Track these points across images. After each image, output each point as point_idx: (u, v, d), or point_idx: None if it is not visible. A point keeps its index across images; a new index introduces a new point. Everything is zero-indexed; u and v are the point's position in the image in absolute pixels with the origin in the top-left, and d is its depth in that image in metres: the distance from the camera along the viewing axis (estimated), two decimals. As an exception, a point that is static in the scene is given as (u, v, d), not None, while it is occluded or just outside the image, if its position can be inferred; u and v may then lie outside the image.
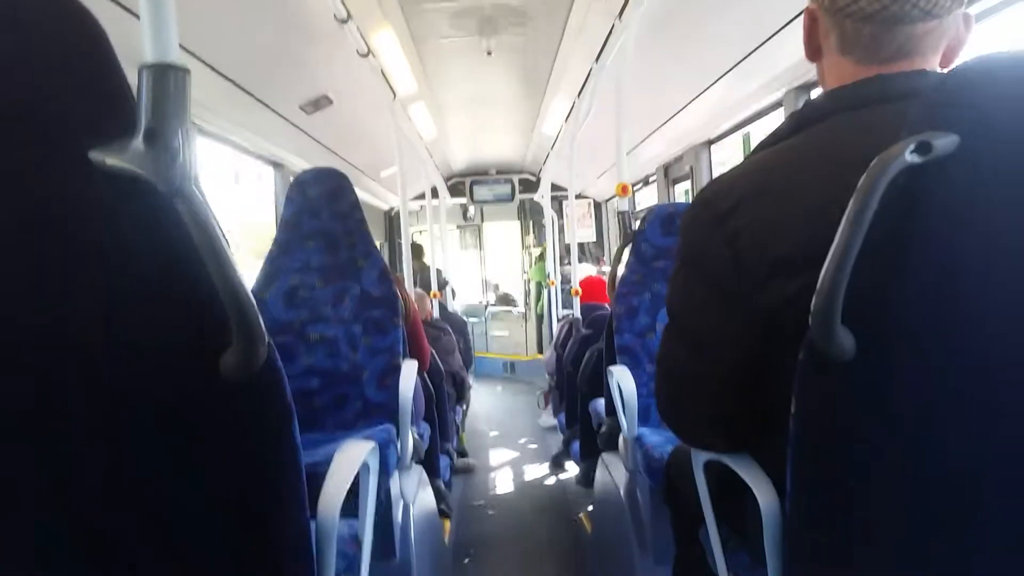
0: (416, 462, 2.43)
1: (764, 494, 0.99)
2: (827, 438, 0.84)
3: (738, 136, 3.66)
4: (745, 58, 2.76)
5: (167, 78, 0.70)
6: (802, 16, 1.02)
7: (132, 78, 0.72)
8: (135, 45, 0.75)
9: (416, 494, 2.26)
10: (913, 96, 0.83)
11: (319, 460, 1.71)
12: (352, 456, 1.23)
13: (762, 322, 0.91)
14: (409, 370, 2.26)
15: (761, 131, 3.44)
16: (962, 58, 0.94)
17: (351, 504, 1.19)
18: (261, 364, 0.77)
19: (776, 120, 3.11)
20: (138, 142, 0.68)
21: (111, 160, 0.68)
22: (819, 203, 0.85)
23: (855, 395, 0.81)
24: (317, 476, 1.08)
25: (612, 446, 2.47)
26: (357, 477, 1.24)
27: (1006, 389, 0.78)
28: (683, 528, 1.42)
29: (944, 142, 0.71)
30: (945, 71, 0.79)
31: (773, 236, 0.88)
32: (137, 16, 0.76)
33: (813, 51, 1.02)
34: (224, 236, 0.72)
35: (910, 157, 0.71)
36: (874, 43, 0.92)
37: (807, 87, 2.72)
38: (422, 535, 2.24)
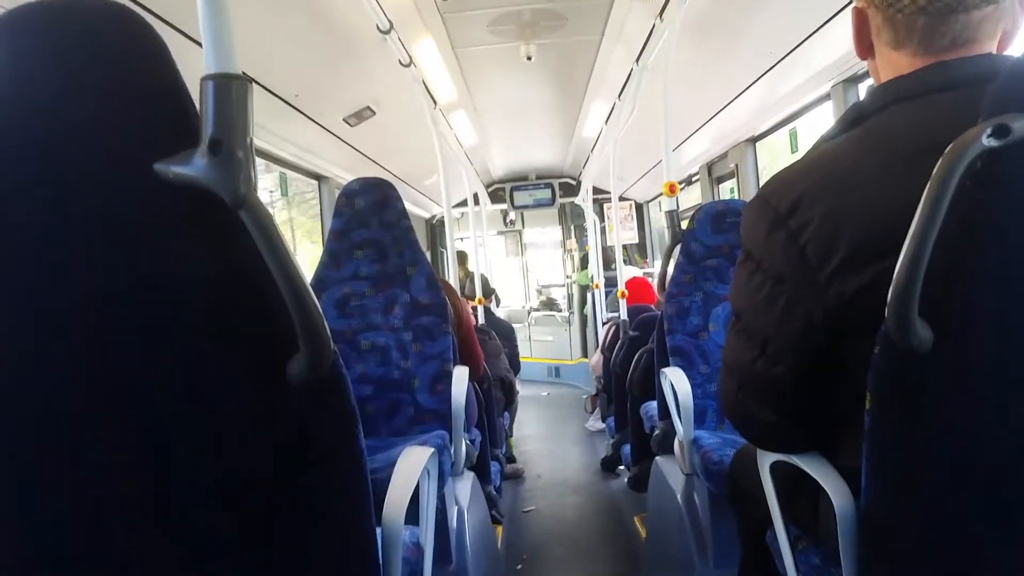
0: (468, 468, 2.43)
1: (838, 494, 0.96)
2: (905, 433, 0.83)
3: (784, 132, 3.59)
4: (790, 52, 2.72)
5: (229, 89, 0.71)
6: (849, 9, 1.00)
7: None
8: (188, 65, 0.75)
9: (470, 500, 2.26)
10: (976, 82, 0.82)
11: (377, 467, 1.72)
12: (414, 462, 1.23)
13: (830, 318, 0.90)
14: (461, 376, 2.26)
15: (808, 126, 3.38)
16: (1019, 42, 0.92)
17: (410, 510, 1.19)
18: (327, 370, 0.77)
19: (823, 115, 3.06)
20: (202, 153, 0.69)
21: (176, 171, 0.69)
22: (884, 193, 0.84)
23: (933, 387, 0.79)
24: (377, 482, 1.08)
25: (666, 449, 2.44)
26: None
27: None
28: (749, 531, 1.39)
29: (1022, 125, 0.69)
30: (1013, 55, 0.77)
31: (838, 229, 0.87)
32: (190, 38, 0.77)
33: (864, 49, 1.01)
34: (287, 244, 0.73)
35: (987, 141, 0.69)
36: (929, 34, 0.90)
37: (855, 79, 2.66)
38: (476, 541, 2.23)
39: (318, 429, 0.82)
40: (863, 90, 2.66)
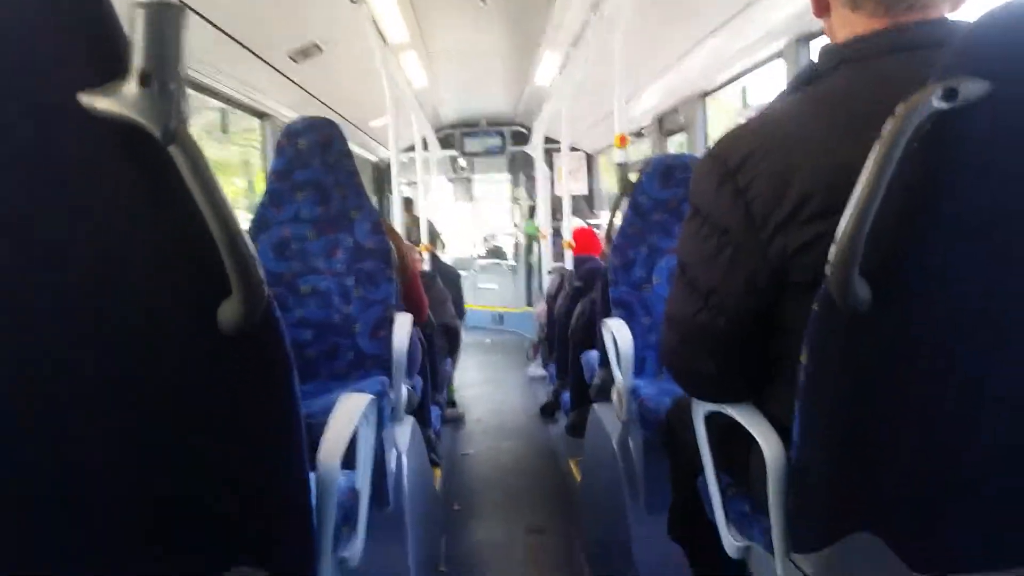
0: (408, 413, 2.43)
1: (770, 445, 0.99)
2: (839, 390, 0.85)
3: (735, 88, 3.60)
4: (744, 8, 2.71)
5: (162, 17, 0.66)
6: None
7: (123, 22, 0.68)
8: None
9: (409, 445, 2.27)
10: (931, 46, 0.83)
11: (315, 411, 1.70)
12: (351, 408, 1.22)
13: (772, 273, 0.92)
14: (403, 322, 2.25)
15: (759, 83, 3.39)
16: (968, 4, 0.93)
17: (347, 455, 1.18)
18: (260, 315, 0.75)
19: (775, 72, 3.07)
20: (131, 85, 0.65)
21: (102, 104, 0.65)
22: (830, 153, 0.85)
23: (870, 347, 0.81)
24: (314, 427, 1.07)
25: (604, 397, 2.48)
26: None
27: (1005, 363, 0.79)
28: (681, 478, 1.43)
29: (972, 88, 0.70)
30: (967, 19, 0.78)
31: (783, 186, 0.88)
32: None
33: (821, 8, 1.01)
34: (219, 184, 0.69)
35: (937, 103, 0.70)
36: None
37: (808, 37, 2.67)
38: (414, 484, 2.25)
39: (251, 375, 0.80)
40: (815, 48, 2.67)
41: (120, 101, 0.65)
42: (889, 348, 0.80)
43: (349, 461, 1.32)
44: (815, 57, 1.00)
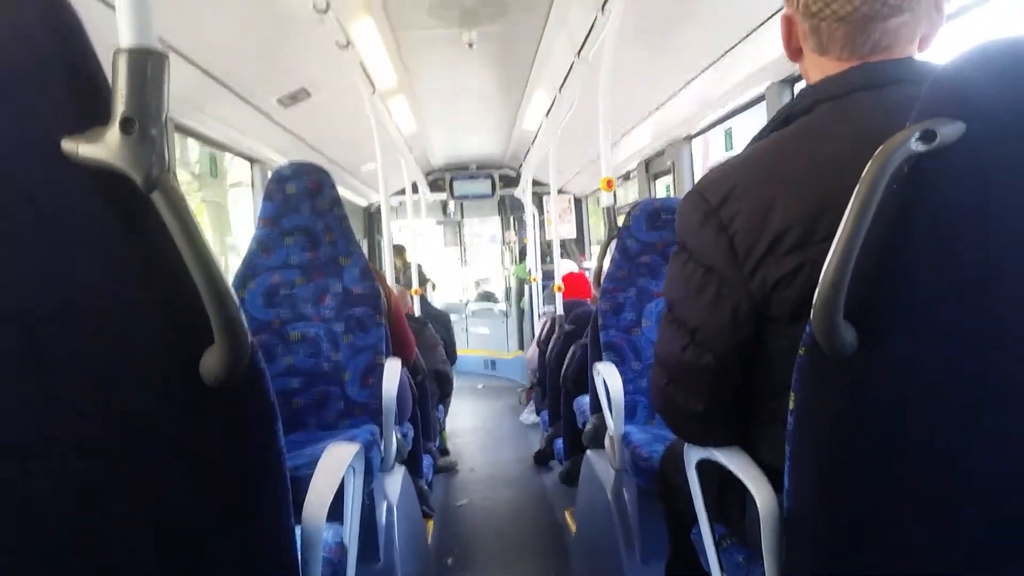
0: (399, 462, 2.39)
1: (760, 491, 0.98)
2: (828, 433, 0.84)
3: (720, 131, 3.64)
4: (727, 52, 2.75)
5: (144, 63, 0.66)
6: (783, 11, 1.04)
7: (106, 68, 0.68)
8: (106, 33, 0.70)
9: (399, 496, 2.22)
10: (898, 82, 0.89)
11: (302, 463, 1.67)
12: (337, 460, 1.20)
13: (754, 308, 0.93)
14: (393, 369, 2.22)
15: (743, 126, 3.43)
16: (937, 43, 0.97)
17: (335, 507, 1.15)
18: (245, 365, 0.73)
19: (758, 115, 3.11)
20: (114, 132, 0.64)
21: (84, 150, 0.64)
22: (808, 188, 0.87)
23: (857, 390, 0.80)
24: (300, 479, 1.05)
25: (597, 444, 2.45)
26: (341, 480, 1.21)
27: (1008, 377, 0.78)
28: (677, 527, 1.40)
29: (949, 130, 0.70)
30: (936, 60, 0.80)
31: (763, 221, 0.91)
32: (108, 5, 0.72)
33: (793, 52, 1.06)
34: (202, 231, 0.68)
35: (915, 145, 0.70)
36: (851, 40, 0.95)
37: (790, 81, 2.71)
38: (405, 537, 2.20)
39: (234, 426, 0.78)
40: (797, 91, 2.70)
41: (102, 147, 0.64)
42: (877, 391, 0.79)
43: (338, 514, 1.29)
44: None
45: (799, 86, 2.69)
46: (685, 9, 2.67)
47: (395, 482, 2.24)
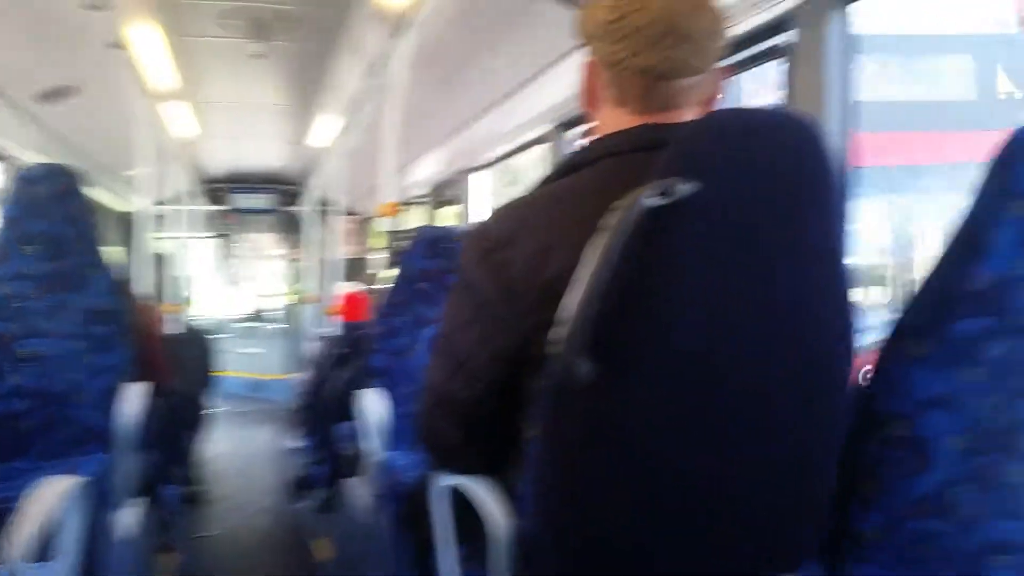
0: (140, 493, 2.17)
1: (500, 517, 1.02)
2: (566, 460, 0.88)
3: (503, 166, 3.78)
4: (514, 92, 2.87)
5: None
6: (567, 61, 1.08)
7: None
8: None
9: (136, 530, 2.02)
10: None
11: (13, 496, 1.46)
12: (48, 495, 1.06)
13: (519, 348, 0.95)
14: (137, 392, 2.02)
15: (528, 163, 3.59)
16: (719, 107, 1.04)
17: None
18: None
19: (542, 154, 3.27)
20: None
21: None
22: (579, 239, 0.89)
23: (593, 418, 0.85)
24: (6, 512, 0.92)
25: (359, 470, 2.40)
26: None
27: (725, 412, 0.86)
28: (424, 552, 1.40)
29: (682, 188, 0.77)
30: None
31: (539, 268, 0.92)
32: None
33: (591, 101, 1.07)
34: None
35: (653, 200, 0.77)
36: (646, 96, 0.99)
37: (569, 124, 2.87)
38: (137, 572, 2.00)
39: None
40: (574, 135, 2.88)
41: None
42: (612, 419, 0.85)
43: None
44: (571, 142, 1.07)
45: (576, 131, 2.85)
46: (475, 47, 2.75)
47: (131, 515, 2.03)
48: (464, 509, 1.16)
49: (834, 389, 0.93)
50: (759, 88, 2.18)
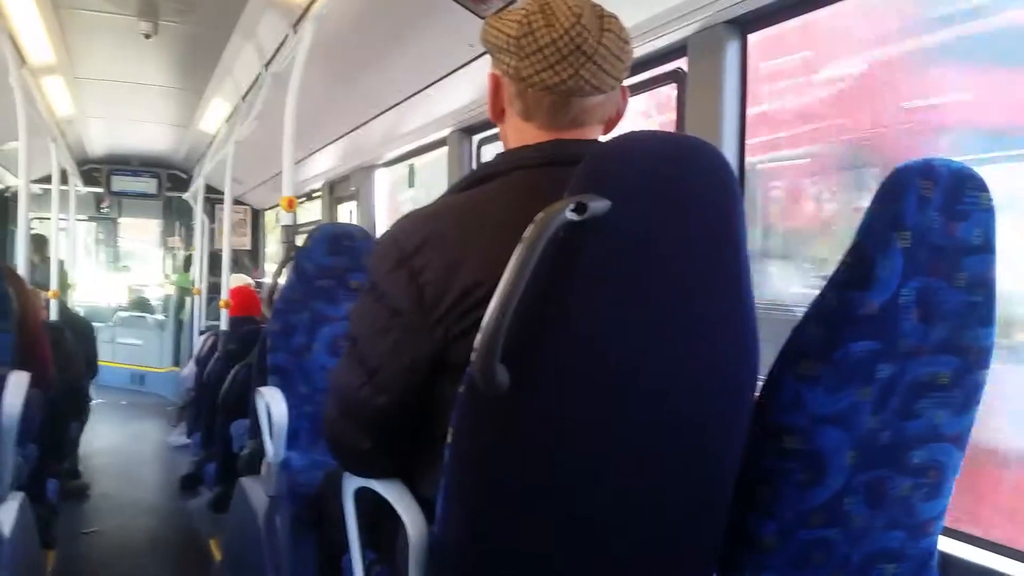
0: (17, 488, 2.08)
1: (413, 520, 1.02)
2: (479, 466, 0.91)
3: (404, 166, 3.79)
4: (415, 94, 2.88)
5: None
6: (468, 67, 1.11)
7: None
8: None
9: (13, 526, 1.93)
10: (582, 160, 0.94)
11: None
12: None
13: (433, 357, 0.97)
14: (16, 383, 1.93)
15: (427, 164, 3.61)
16: (621, 126, 1.09)
17: None
18: None
19: (441, 157, 3.30)
20: None
21: None
22: (491, 251, 0.92)
23: (507, 426, 0.89)
24: None
25: (253, 470, 2.36)
26: None
27: (633, 423, 0.92)
28: (328, 554, 1.41)
29: (596, 205, 0.82)
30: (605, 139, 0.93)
31: (452, 276, 0.95)
32: None
33: (497, 113, 1.10)
34: None
35: (569, 214, 0.81)
36: (553, 112, 1.02)
37: (470, 130, 2.92)
38: (18, 572, 1.92)
39: None
40: (476, 141, 2.93)
41: None
42: (525, 427, 0.89)
43: None
44: (475, 149, 1.11)
45: (478, 137, 2.91)
46: (377, 46, 2.75)
47: (9, 510, 1.94)
48: (374, 512, 1.17)
49: (738, 404, 0.99)
50: (647, 109, 2.30)
